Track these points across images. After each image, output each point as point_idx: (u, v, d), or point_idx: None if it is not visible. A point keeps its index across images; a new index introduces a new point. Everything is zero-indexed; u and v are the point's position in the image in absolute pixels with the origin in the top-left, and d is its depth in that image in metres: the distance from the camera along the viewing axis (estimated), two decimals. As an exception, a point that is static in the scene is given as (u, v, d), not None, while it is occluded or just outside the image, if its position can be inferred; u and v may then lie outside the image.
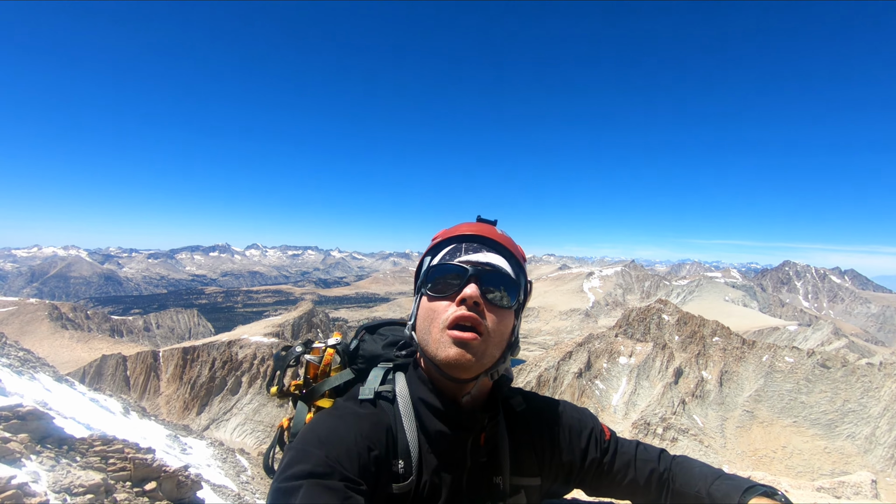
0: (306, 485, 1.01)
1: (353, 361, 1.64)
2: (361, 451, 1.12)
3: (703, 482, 1.43)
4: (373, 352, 1.62)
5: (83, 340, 72.90)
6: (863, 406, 43.10)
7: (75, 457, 7.27)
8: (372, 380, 1.40)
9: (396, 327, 1.73)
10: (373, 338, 1.67)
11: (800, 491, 5.37)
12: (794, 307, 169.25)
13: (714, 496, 1.36)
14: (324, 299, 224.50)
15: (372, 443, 1.16)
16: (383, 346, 1.63)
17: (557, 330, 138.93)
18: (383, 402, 1.32)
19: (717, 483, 1.40)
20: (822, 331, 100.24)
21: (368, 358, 1.61)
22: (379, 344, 1.64)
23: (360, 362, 1.62)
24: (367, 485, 1.09)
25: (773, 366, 49.19)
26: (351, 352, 1.64)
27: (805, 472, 38.83)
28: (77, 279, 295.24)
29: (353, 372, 1.61)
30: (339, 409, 1.30)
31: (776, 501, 1.26)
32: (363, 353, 1.63)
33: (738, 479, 1.40)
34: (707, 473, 1.47)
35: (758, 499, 1.26)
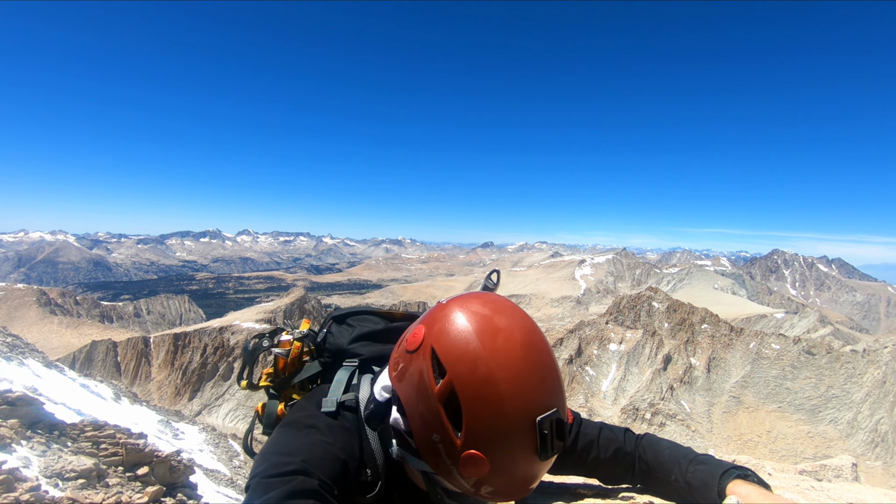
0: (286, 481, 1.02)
1: (321, 353, 1.62)
2: (331, 459, 1.13)
3: (679, 468, 1.46)
4: (338, 346, 1.58)
5: (73, 326, 72.29)
6: (846, 392, 44.05)
7: (66, 442, 7.26)
8: (335, 387, 1.35)
9: (366, 317, 1.67)
10: (340, 329, 1.62)
11: (783, 474, 5.50)
12: (782, 295, 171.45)
13: (692, 485, 1.39)
14: (316, 286, 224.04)
15: (340, 451, 1.16)
16: (350, 339, 1.58)
17: (549, 317, 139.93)
18: (347, 413, 1.29)
19: (692, 469, 1.43)
20: (809, 318, 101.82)
21: (334, 352, 1.58)
22: (346, 336, 1.59)
23: (327, 356, 1.59)
24: (338, 491, 1.10)
25: (760, 352, 50.01)
26: (318, 343, 1.62)
27: (788, 456, 39.77)
28: (65, 264, 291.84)
29: (321, 365, 1.59)
30: (304, 417, 1.26)
31: (750, 482, 1.29)
32: (329, 347, 1.60)
33: (712, 463, 1.42)
34: (679, 458, 1.50)
35: (733, 482, 1.29)
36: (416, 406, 1.09)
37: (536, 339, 1.09)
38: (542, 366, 1.05)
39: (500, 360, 1.01)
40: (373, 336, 1.58)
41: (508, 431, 0.99)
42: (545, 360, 1.07)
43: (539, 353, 1.06)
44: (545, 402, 1.02)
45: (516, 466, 1.03)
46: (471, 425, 1.00)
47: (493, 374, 1.00)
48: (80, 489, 5.90)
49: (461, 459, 1.02)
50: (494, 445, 1.00)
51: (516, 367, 1.01)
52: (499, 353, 1.02)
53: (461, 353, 1.03)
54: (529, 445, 1.01)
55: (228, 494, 14.27)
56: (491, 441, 1.00)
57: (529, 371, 1.02)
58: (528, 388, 1.01)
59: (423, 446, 1.10)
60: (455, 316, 1.09)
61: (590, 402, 47.93)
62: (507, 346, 1.03)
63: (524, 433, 1.00)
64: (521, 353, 1.03)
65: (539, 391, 1.02)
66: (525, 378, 1.01)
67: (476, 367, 1.01)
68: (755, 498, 1.22)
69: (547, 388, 1.04)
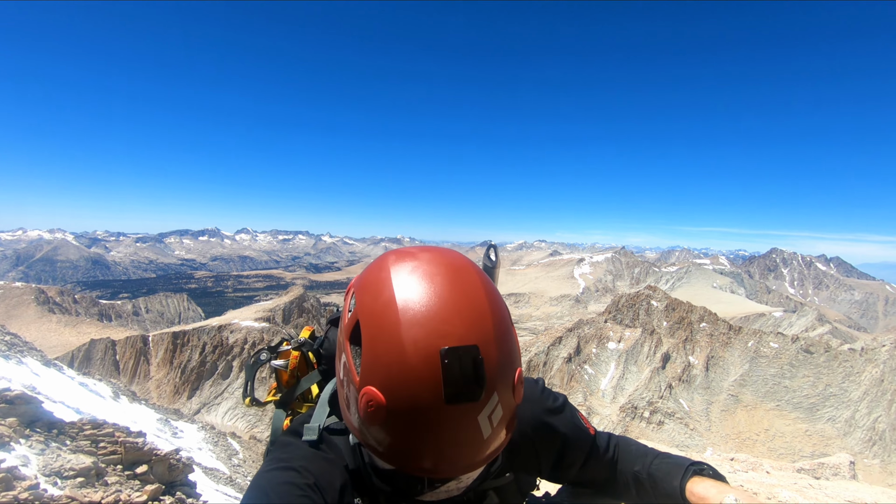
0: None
1: (320, 361, 1.54)
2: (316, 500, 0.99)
3: (643, 461, 1.40)
4: (334, 351, 1.44)
5: (71, 325, 72.27)
6: (843, 390, 44.18)
7: (65, 440, 7.26)
8: (318, 408, 1.21)
9: None
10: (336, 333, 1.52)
11: (781, 472, 5.53)
12: (781, 294, 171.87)
13: (654, 475, 1.34)
14: (315, 284, 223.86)
15: (316, 488, 1.01)
16: None
17: (548, 315, 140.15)
18: (335, 437, 1.14)
19: (656, 462, 1.37)
20: (807, 317, 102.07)
21: (330, 359, 1.51)
22: None
23: (324, 363, 1.51)
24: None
25: (759, 351, 50.14)
26: (315, 351, 1.55)
27: (786, 455, 39.88)
28: (64, 263, 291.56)
29: (321, 374, 1.51)
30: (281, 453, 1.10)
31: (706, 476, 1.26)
32: (325, 354, 1.52)
33: (677, 458, 1.38)
34: (646, 452, 1.44)
35: (694, 478, 1.25)
36: (337, 351, 1.00)
37: (466, 275, 0.92)
38: (464, 297, 0.88)
39: (406, 285, 0.88)
40: None
41: (406, 363, 0.82)
42: (471, 293, 0.89)
43: (464, 285, 0.90)
44: (457, 333, 0.83)
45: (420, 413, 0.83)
46: (367, 357, 0.85)
47: (393, 298, 0.86)
48: (78, 487, 5.89)
49: (359, 400, 0.86)
50: (391, 381, 0.83)
51: (424, 292, 0.86)
52: (407, 279, 0.89)
53: (370, 283, 0.93)
54: (431, 385, 0.81)
55: (227, 493, 14.27)
56: (388, 375, 0.83)
57: (442, 298, 0.86)
58: (435, 315, 0.84)
59: (341, 399, 0.99)
60: (383, 256, 1.00)
61: (588, 401, 48.02)
62: (421, 273, 0.90)
63: (424, 367, 0.81)
64: (437, 280, 0.88)
65: (450, 321, 0.84)
66: (434, 304, 0.85)
67: (380, 293, 0.89)
68: (713, 494, 1.17)
69: (464, 320, 0.85)
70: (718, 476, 1.27)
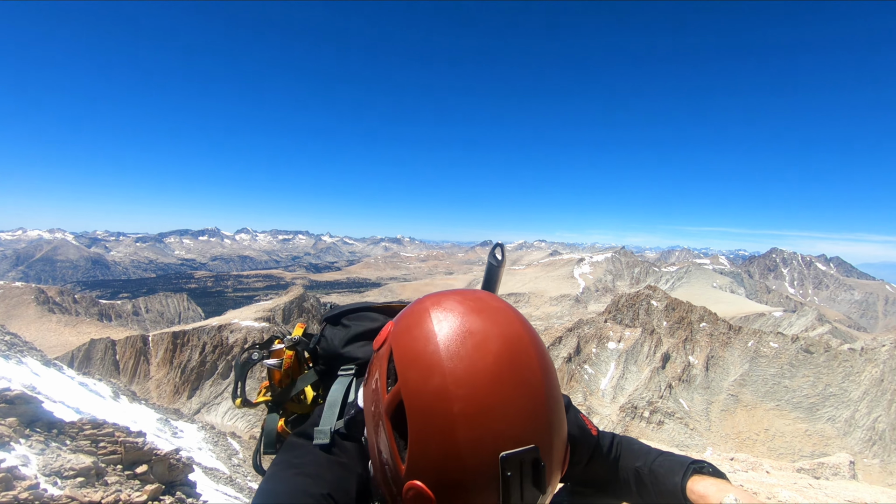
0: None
1: (316, 361, 1.48)
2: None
3: (645, 458, 1.40)
4: (332, 350, 1.43)
5: (71, 324, 72.30)
6: (843, 390, 44.18)
7: (65, 440, 7.26)
8: (328, 409, 1.14)
9: (362, 314, 1.50)
10: (334, 331, 1.47)
11: (781, 472, 5.54)
12: (780, 293, 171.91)
13: (656, 472, 1.34)
14: (315, 284, 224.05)
15: (329, 494, 0.96)
16: (344, 341, 1.42)
17: (548, 315, 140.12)
18: (346, 441, 1.08)
19: (658, 460, 1.37)
20: (807, 317, 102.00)
21: (328, 358, 1.44)
22: (339, 339, 1.43)
23: (321, 363, 1.46)
24: None
25: (758, 351, 50.13)
26: (312, 350, 1.48)
27: (786, 454, 39.88)
28: (63, 263, 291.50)
29: (317, 373, 1.45)
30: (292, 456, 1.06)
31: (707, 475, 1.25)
32: (323, 353, 1.46)
33: (679, 457, 1.37)
34: (648, 450, 1.44)
35: (695, 476, 1.25)
36: (370, 416, 0.91)
37: (522, 350, 0.81)
38: (522, 385, 0.79)
39: (461, 371, 0.78)
40: (369, 335, 1.41)
41: (461, 467, 0.76)
42: (529, 378, 0.79)
43: (521, 368, 0.79)
44: (517, 434, 0.77)
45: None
46: (415, 449, 0.77)
47: (448, 390, 0.77)
48: (78, 487, 5.90)
49: (405, 490, 0.78)
50: (443, 481, 0.77)
51: (481, 384, 0.78)
52: (461, 361, 0.78)
53: (415, 357, 0.80)
54: (489, 490, 0.76)
55: (227, 492, 14.28)
56: (439, 475, 0.77)
57: (500, 391, 0.78)
58: (493, 413, 0.77)
59: (375, 464, 0.91)
60: (423, 311, 0.87)
61: (588, 401, 48.02)
62: (475, 354, 0.79)
63: (482, 472, 0.76)
64: (493, 367, 0.78)
65: (509, 419, 0.77)
66: (491, 400, 0.77)
67: (430, 375, 0.78)
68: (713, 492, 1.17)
69: (524, 417, 0.77)
70: (719, 474, 1.28)
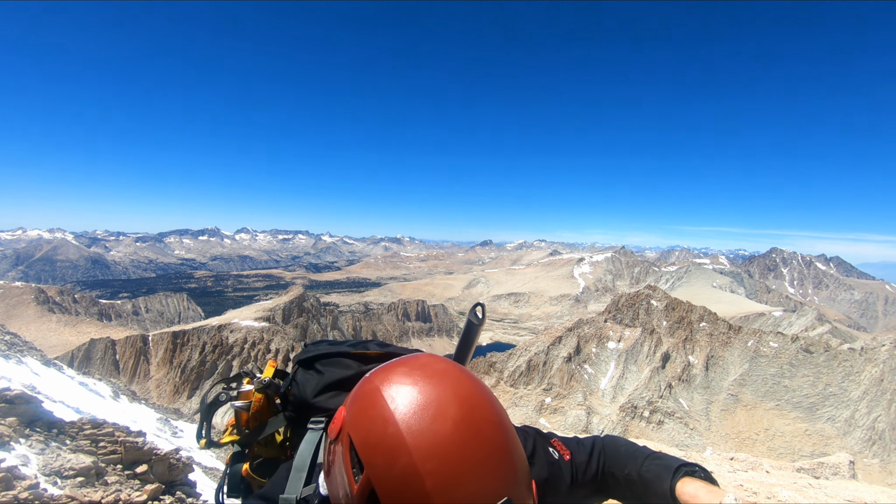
0: None
1: (286, 405, 1.43)
2: None
3: (633, 463, 1.38)
4: (302, 399, 1.37)
5: (71, 324, 72.27)
6: (843, 390, 44.20)
7: (65, 440, 7.25)
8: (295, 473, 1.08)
9: (336, 360, 1.42)
10: (306, 376, 1.41)
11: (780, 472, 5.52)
12: (780, 293, 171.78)
13: (645, 477, 1.33)
14: (315, 284, 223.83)
15: None
16: (315, 391, 1.36)
17: (548, 315, 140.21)
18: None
19: (647, 463, 1.36)
20: (807, 317, 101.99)
21: (298, 406, 1.39)
22: (311, 387, 1.37)
23: (290, 409, 1.41)
24: None
25: (758, 351, 50.13)
26: (282, 395, 1.44)
27: (786, 454, 39.90)
28: (63, 262, 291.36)
29: (286, 419, 1.41)
30: None
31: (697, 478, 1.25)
32: (292, 400, 1.41)
33: (667, 459, 1.37)
34: (635, 453, 1.43)
35: (683, 479, 1.24)
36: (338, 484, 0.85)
37: (477, 407, 0.80)
38: (485, 445, 0.78)
39: (424, 446, 0.77)
40: (342, 384, 1.36)
41: None
42: (489, 435, 0.78)
43: (481, 426, 0.79)
44: (489, 492, 0.77)
45: None
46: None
47: (416, 468, 0.76)
48: (78, 487, 5.90)
49: None
50: None
51: (447, 454, 0.77)
52: (423, 436, 0.77)
53: (377, 441, 0.79)
54: None
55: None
56: None
57: (466, 455, 0.77)
58: (464, 479, 0.76)
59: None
60: (373, 392, 0.83)
61: (588, 401, 48.02)
62: (434, 425, 0.78)
63: None
64: (454, 434, 0.78)
65: (480, 480, 0.76)
66: (459, 467, 0.76)
67: (395, 458, 0.77)
68: (703, 496, 1.17)
69: (493, 475, 0.77)
70: (710, 479, 1.27)
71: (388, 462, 0.76)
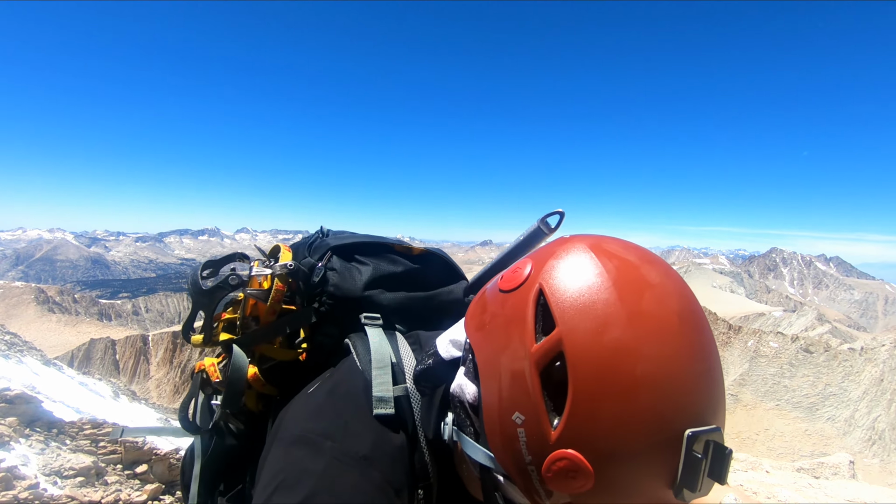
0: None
1: (313, 298, 1.14)
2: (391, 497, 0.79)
3: None
4: (349, 291, 1.12)
5: (71, 324, 72.29)
6: (843, 390, 44.21)
7: (65, 440, 7.25)
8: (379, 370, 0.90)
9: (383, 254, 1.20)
10: (347, 267, 1.15)
11: (781, 472, 5.54)
12: (780, 293, 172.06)
13: None
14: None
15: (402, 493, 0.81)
16: (366, 282, 1.13)
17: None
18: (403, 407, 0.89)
19: None
20: (807, 316, 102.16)
21: (341, 299, 1.12)
22: (358, 278, 1.13)
23: (327, 301, 1.12)
24: None
25: (758, 350, 50.15)
26: (314, 284, 1.13)
27: (786, 454, 39.89)
28: (63, 262, 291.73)
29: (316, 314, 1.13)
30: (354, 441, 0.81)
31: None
32: (334, 291, 1.12)
33: None
34: None
35: None
36: (497, 366, 0.71)
37: (699, 313, 0.68)
38: (706, 357, 0.65)
39: (647, 328, 0.62)
40: (390, 281, 1.16)
41: (636, 439, 0.59)
42: (709, 349, 0.66)
43: (704, 337, 0.66)
44: (702, 411, 0.62)
45: (634, 497, 0.62)
46: (578, 413, 0.61)
47: (632, 346, 0.60)
48: (78, 487, 5.90)
49: (550, 460, 0.62)
50: (608, 453, 0.60)
51: (668, 345, 0.61)
52: (646, 318, 0.62)
53: (585, 304, 0.64)
54: (665, 468, 0.60)
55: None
56: (605, 445, 0.60)
57: (687, 358, 0.62)
58: (680, 382, 0.61)
59: (494, 427, 0.71)
60: (583, 252, 0.70)
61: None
62: (659, 311, 0.63)
63: (659, 448, 0.60)
64: (679, 328, 0.63)
65: (696, 393, 0.62)
66: (679, 367, 0.61)
67: (606, 327, 0.61)
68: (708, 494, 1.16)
69: (708, 393, 0.63)
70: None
71: (597, 329, 0.61)
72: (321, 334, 1.14)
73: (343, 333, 1.09)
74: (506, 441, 0.68)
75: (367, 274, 1.14)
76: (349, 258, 1.17)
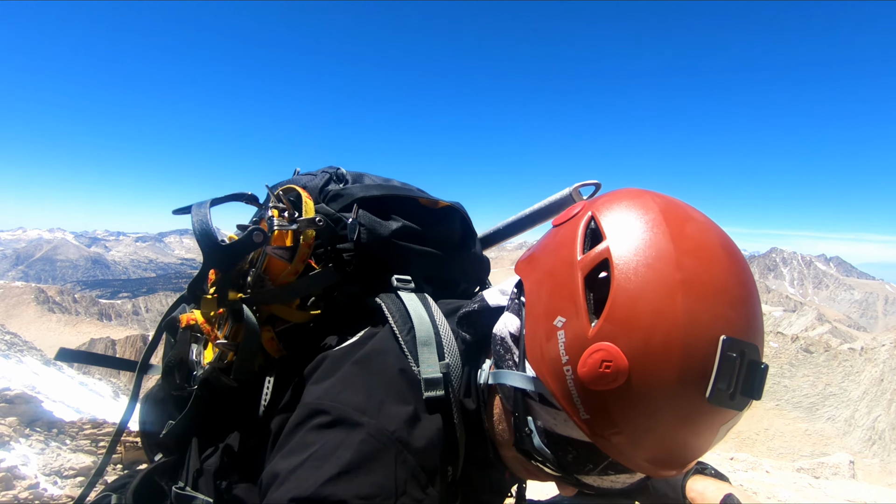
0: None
1: (339, 255, 1.04)
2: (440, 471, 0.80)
3: None
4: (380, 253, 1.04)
5: (71, 324, 72.35)
6: (843, 390, 44.24)
7: (65, 440, 7.26)
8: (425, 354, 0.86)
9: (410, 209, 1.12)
10: (378, 223, 1.05)
11: (781, 472, 5.55)
12: (780, 293, 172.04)
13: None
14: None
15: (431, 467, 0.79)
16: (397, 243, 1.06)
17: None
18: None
19: None
20: (807, 316, 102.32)
21: (370, 260, 1.03)
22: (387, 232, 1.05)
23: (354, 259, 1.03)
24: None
25: (758, 350, 50.31)
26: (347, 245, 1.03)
27: (786, 454, 39.90)
28: (63, 262, 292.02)
29: (344, 275, 1.03)
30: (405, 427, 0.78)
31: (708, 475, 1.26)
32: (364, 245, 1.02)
33: None
34: None
35: (694, 477, 1.21)
36: (545, 282, 0.75)
37: (743, 258, 0.73)
38: (747, 284, 0.68)
39: (688, 244, 0.67)
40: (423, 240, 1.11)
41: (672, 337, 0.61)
42: (752, 286, 0.70)
43: (745, 273, 0.70)
44: (741, 325, 0.64)
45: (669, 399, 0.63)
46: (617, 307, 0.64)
47: (673, 255, 0.64)
48: (78, 487, 5.89)
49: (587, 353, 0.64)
50: (644, 349, 0.62)
51: (708, 261, 0.66)
52: (687, 238, 0.67)
53: (633, 226, 0.69)
54: (695, 372, 0.61)
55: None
56: (642, 340, 0.62)
57: (727, 276, 0.66)
58: (719, 294, 0.64)
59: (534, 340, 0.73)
60: (634, 195, 0.76)
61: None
62: (701, 236, 0.69)
63: (695, 349, 0.61)
64: (721, 251, 0.69)
65: (735, 307, 0.65)
66: (719, 280, 0.65)
67: (650, 243, 0.66)
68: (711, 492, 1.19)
69: (747, 313, 0.66)
70: (720, 476, 1.28)
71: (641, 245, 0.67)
72: (340, 293, 1.06)
73: (364, 292, 1.03)
74: (545, 348, 0.70)
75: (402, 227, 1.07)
76: (379, 213, 1.06)
